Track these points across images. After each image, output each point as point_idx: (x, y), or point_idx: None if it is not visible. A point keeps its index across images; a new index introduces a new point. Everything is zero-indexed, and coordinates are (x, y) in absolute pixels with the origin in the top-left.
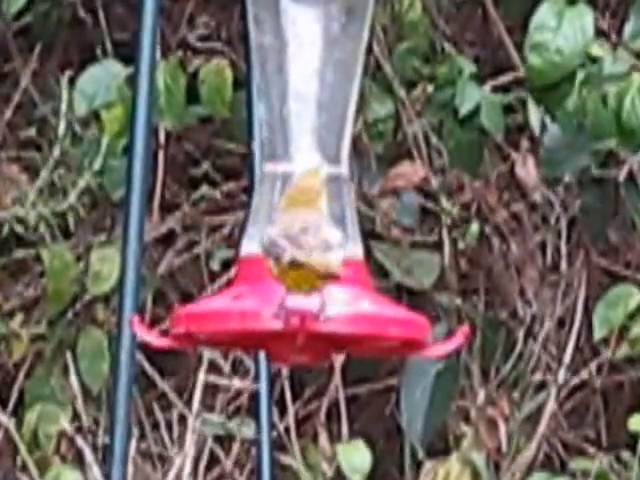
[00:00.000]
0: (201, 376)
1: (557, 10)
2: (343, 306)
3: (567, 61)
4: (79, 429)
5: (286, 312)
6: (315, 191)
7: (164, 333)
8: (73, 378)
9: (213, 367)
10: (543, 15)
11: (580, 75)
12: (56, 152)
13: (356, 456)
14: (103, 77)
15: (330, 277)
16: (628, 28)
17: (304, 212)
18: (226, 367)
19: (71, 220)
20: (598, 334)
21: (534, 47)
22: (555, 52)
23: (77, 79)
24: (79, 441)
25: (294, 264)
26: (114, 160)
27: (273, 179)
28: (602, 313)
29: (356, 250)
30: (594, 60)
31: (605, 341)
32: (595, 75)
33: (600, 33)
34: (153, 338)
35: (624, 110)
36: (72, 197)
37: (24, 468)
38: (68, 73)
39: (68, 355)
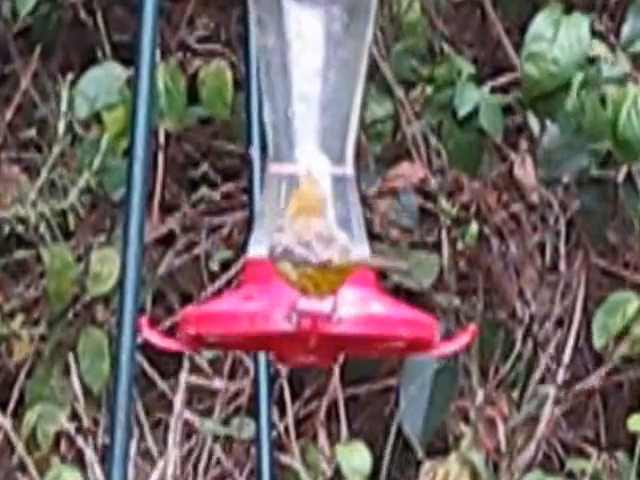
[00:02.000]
0: (183, 377)
1: (553, 20)
2: (353, 307)
3: (563, 71)
4: (79, 429)
5: (298, 314)
6: (319, 199)
7: (169, 334)
8: (74, 378)
9: (209, 368)
10: (539, 25)
11: (579, 77)
12: (56, 151)
13: (356, 457)
14: (104, 79)
15: (347, 276)
16: (626, 30)
17: (314, 221)
18: (210, 369)
19: (71, 219)
20: (598, 342)
21: (530, 57)
22: (551, 62)
23: (77, 80)
24: (80, 441)
25: (314, 273)
26: (114, 159)
27: (278, 181)
28: (601, 320)
29: (363, 250)
30: (592, 61)
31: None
32: (593, 77)
33: (598, 35)
34: (160, 340)
35: (620, 121)
36: (72, 196)
37: (23, 469)
38: (69, 75)
39: (70, 356)
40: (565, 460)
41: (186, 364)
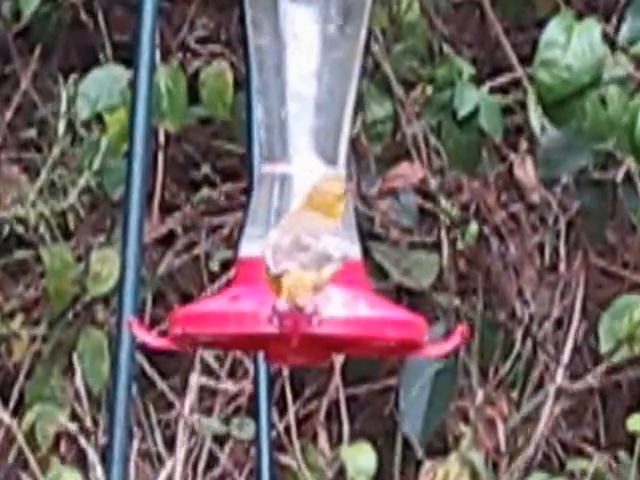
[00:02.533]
0: (195, 379)
1: (566, 25)
2: (338, 308)
3: (577, 77)
4: (81, 429)
5: (279, 316)
6: (335, 197)
7: (163, 334)
8: (78, 378)
9: (210, 369)
10: (552, 31)
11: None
12: (56, 152)
13: (361, 457)
14: (106, 81)
15: (317, 291)
16: (624, 30)
17: (316, 218)
18: (220, 370)
19: (71, 220)
20: (604, 347)
21: (544, 64)
22: (565, 69)
23: (76, 80)
24: (82, 441)
25: (282, 275)
26: (114, 160)
27: (271, 180)
28: (607, 325)
29: (354, 251)
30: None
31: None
32: (597, 77)
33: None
34: (151, 339)
35: (637, 129)
36: (72, 196)
37: (23, 468)
38: (69, 76)
39: (72, 356)
40: (565, 460)
41: (197, 365)
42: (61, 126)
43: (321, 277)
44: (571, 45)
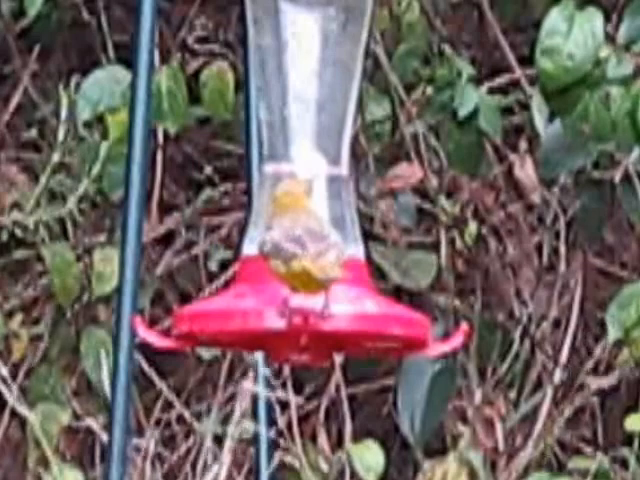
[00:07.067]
0: (248, 386)
1: (567, 15)
2: (346, 305)
3: (578, 65)
4: (86, 428)
5: (290, 311)
6: (299, 194)
7: (165, 333)
8: (90, 376)
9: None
10: (554, 20)
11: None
12: (55, 157)
13: (369, 456)
14: (107, 82)
15: (333, 280)
16: (622, 30)
17: (300, 215)
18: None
19: (69, 226)
20: (612, 336)
21: (545, 52)
22: (567, 57)
23: (75, 80)
24: (88, 440)
25: (303, 269)
26: (114, 166)
27: (274, 180)
28: (615, 314)
29: (357, 250)
30: (598, 62)
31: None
32: (599, 77)
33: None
34: (155, 338)
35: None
36: (71, 203)
37: (25, 466)
38: (71, 77)
39: (73, 355)
40: (563, 460)
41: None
42: (61, 131)
43: (330, 263)
44: (572, 33)
